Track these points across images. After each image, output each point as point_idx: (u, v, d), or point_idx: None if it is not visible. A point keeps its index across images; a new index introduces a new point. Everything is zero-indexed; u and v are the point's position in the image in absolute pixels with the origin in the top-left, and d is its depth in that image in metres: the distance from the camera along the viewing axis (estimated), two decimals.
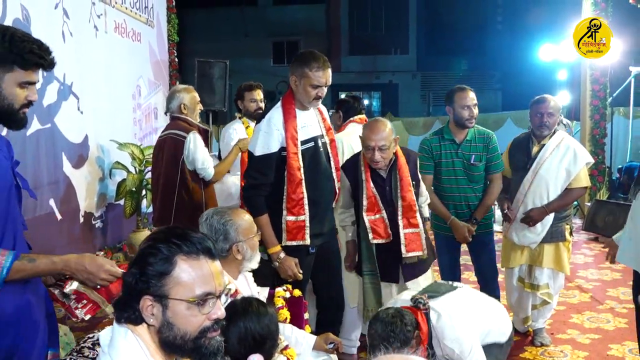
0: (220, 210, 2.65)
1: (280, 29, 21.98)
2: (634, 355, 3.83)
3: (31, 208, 4.63)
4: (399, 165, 3.34)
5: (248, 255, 2.59)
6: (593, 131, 8.57)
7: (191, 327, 1.44)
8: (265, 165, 3.12)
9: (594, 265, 6.09)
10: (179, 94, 4.23)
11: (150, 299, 1.43)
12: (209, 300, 1.46)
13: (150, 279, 1.42)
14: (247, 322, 2.11)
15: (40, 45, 1.95)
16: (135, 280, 1.43)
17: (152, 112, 7.80)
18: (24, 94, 1.93)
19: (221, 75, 7.47)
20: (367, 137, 3.25)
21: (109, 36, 6.45)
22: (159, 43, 8.26)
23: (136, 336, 1.44)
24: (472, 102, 3.83)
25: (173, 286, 1.42)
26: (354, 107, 4.18)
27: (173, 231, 1.49)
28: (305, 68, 3.08)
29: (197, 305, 1.44)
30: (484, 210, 3.94)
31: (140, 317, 1.44)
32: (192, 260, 1.45)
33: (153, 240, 1.47)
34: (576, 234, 7.74)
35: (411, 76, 23.56)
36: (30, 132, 4.66)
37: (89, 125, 5.90)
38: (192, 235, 1.48)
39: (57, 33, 5.24)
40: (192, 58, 7.95)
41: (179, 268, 1.43)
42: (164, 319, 1.43)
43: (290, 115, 3.13)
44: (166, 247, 1.44)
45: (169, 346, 1.45)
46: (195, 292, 1.44)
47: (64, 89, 5.35)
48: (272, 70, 21.69)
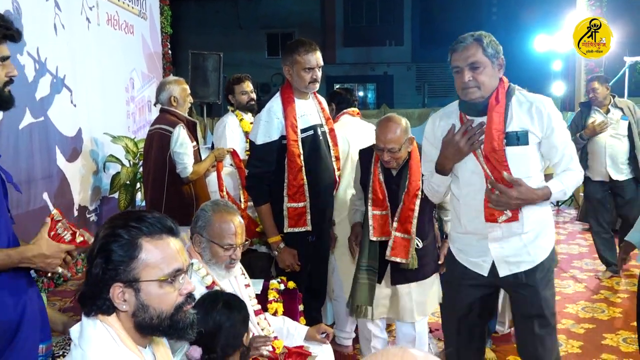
0: (218, 202, 2.59)
1: (274, 21, 21.86)
2: (628, 344, 3.85)
3: (24, 202, 4.61)
4: (410, 166, 3.12)
5: (207, 256, 2.41)
6: None
7: (166, 305, 1.45)
8: (267, 154, 3.19)
9: (588, 255, 6.10)
10: (169, 86, 4.21)
11: (121, 286, 1.42)
12: (178, 276, 1.48)
13: (118, 266, 1.42)
14: (221, 317, 2.08)
15: (2, 17, 1.90)
16: (101, 270, 1.42)
17: (145, 105, 7.76)
18: (3, 71, 1.90)
19: (215, 68, 7.44)
20: (378, 137, 3.09)
21: (101, 28, 6.41)
22: (152, 35, 8.21)
23: (105, 325, 1.44)
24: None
25: (142, 268, 1.43)
26: (347, 99, 4.17)
27: (129, 216, 1.49)
28: (294, 54, 3.17)
29: (169, 283, 1.46)
30: None
31: (111, 306, 1.44)
32: (155, 240, 1.46)
33: (112, 228, 1.45)
34: (571, 224, 7.77)
35: (406, 68, 23.51)
36: (23, 125, 4.63)
37: (82, 119, 5.87)
38: (149, 216, 1.48)
39: (49, 25, 5.20)
40: (186, 50, 7.92)
41: (145, 250, 1.44)
42: (138, 302, 1.44)
43: (289, 103, 3.20)
44: (127, 232, 1.44)
45: (145, 328, 1.46)
46: (165, 270, 1.45)
47: (57, 82, 5.32)
48: (266, 63, 21.59)
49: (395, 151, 3.01)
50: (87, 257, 1.48)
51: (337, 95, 4.23)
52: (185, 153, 4.06)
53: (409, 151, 3.11)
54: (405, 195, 3.09)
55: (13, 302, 1.92)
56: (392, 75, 23.53)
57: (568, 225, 7.74)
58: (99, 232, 1.48)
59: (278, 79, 20.28)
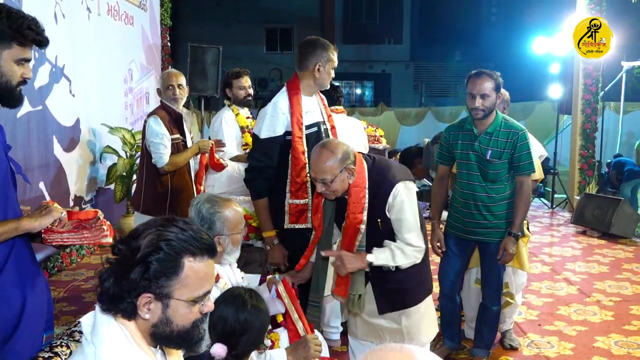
0: (213, 198, 2.62)
1: (273, 15, 21.83)
2: (620, 347, 3.87)
3: (21, 191, 4.58)
4: (349, 202, 2.74)
5: (229, 249, 2.57)
6: (584, 125, 8.61)
7: (187, 322, 1.45)
8: (270, 148, 3.17)
9: (581, 258, 6.13)
10: (161, 78, 4.39)
11: (151, 297, 1.41)
12: (206, 296, 1.48)
13: (157, 279, 1.40)
14: (225, 310, 2.08)
15: (36, 22, 1.96)
16: (139, 277, 1.39)
17: (143, 97, 7.75)
18: (20, 71, 1.95)
19: (214, 61, 7.41)
20: (310, 164, 2.81)
21: (101, 19, 6.39)
22: (152, 27, 8.19)
23: (120, 325, 1.42)
24: (479, 92, 3.31)
25: (179, 287, 1.42)
26: (332, 96, 4.16)
27: (179, 227, 1.45)
28: (329, 52, 3.20)
29: (197, 303, 1.46)
30: (519, 222, 3.42)
31: (134, 312, 1.42)
32: (198, 262, 1.44)
33: (158, 237, 1.41)
34: (564, 227, 7.80)
35: (404, 66, 23.52)
36: (21, 114, 4.61)
37: (80, 109, 5.85)
38: (199, 236, 1.46)
39: (50, 14, 5.18)
40: (185, 43, 7.88)
41: (188, 270, 1.42)
42: (164, 316, 1.43)
43: (296, 100, 3.19)
44: (174, 247, 1.41)
45: (160, 338, 1.46)
46: (198, 292, 1.45)
47: (56, 71, 5.30)
48: (265, 57, 21.58)
49: (327, 182, 2.68)
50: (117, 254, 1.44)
51: (324, 92, 4.25)
52: (160, 143, 4.08)
53: (350, 183, 2.72)
54: (343, 230, 2.81)
55: (16, 294, 1.95)
56: (390, 73, 23.56)
57: (562, 227, 7.78)
58: (142, 233, 1.43)
59: (276, 74, 20.26)
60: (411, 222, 2.76)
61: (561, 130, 10.03)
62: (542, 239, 7.03)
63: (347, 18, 23.28)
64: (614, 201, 7.21)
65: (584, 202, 7.65)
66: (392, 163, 2.95)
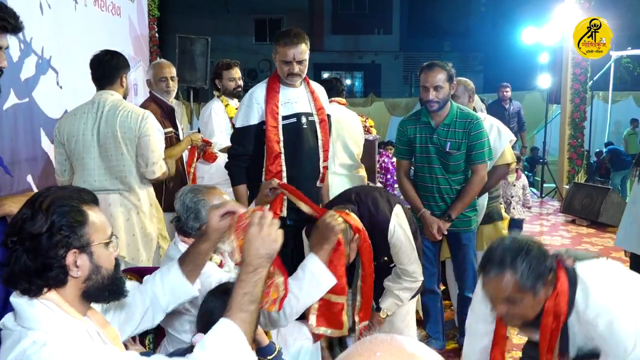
0: (195, 188, 2.60)
1: (262, 6, 21.68)
2: None
3: (8, 184, 4.55)
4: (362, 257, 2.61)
5: None
6: (573, 115, 8.66)
7: (110, 264, 1.57)
8: (244, 137, 3.32)
9: (571, 246, 6.18)
10: (150, 69, 4.35)
11: (76, 252, 1.48)
12: (113, 236, 1.59)
13: (73, 231, 1.48)
14: (213, 303, 2.07)
15: (4, 7, 1.90)
16: (58, 237, 1.45)
17: (132, 88, 7.68)
18: None
19: (203, 52, 7.37)
20: None
21: (88, 9, 6.31)
22: (139, 18, 8.11)
23: (43, 301, 1.45)
24: (433, 83, 3.30)
25: (93, 232, 1.52)
26: (336, 87, 4.32)
27: (61, 189, 1.56)
28: (276, 44, 3.25)
29: (111, 243, 1.57)
30: (460, 207, 3.43)
31: (65, 275, 1.48)
32: (93, 208, 1.56)
33: (50, 202, 1.47)
34: (554, 216, 7.85)
35: (394, 56, 23.48)
36: (7, 106, 4.56)
37: (68, 101, 5.78)
38: (81, 190, 1.58)
39: (35, 4, 5.11)
40: (173, 34, 7.83)
41: (91, 216, 1.53)
42: (92, 265, 1.51)
43: (273, 90, 3.27)
44: (69, 200, 1.50)
45: (95, 291, 1.53)
46: (107, 232, 1.56)
47: (43, 63, 5.24)
48: (253, 48, 21.44)
49: None
50: (13, 234, 1.46)
51: (328, 82, 4.36)
52: None
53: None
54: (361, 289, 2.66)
55: None
56: (379, 64, 23.50)
57: (551, 217, 7.83)
58: (33, 213, 1.46)
59: (265, 64, 20.15)
60: (409, 250, 2.79)
61: (550, 120, 10.08)
62: (532, 228, 7.07)
63: (337, 8, 23.18)
64: (602, 190, 7.26)
65: (573, 191, 7.70)
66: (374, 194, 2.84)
